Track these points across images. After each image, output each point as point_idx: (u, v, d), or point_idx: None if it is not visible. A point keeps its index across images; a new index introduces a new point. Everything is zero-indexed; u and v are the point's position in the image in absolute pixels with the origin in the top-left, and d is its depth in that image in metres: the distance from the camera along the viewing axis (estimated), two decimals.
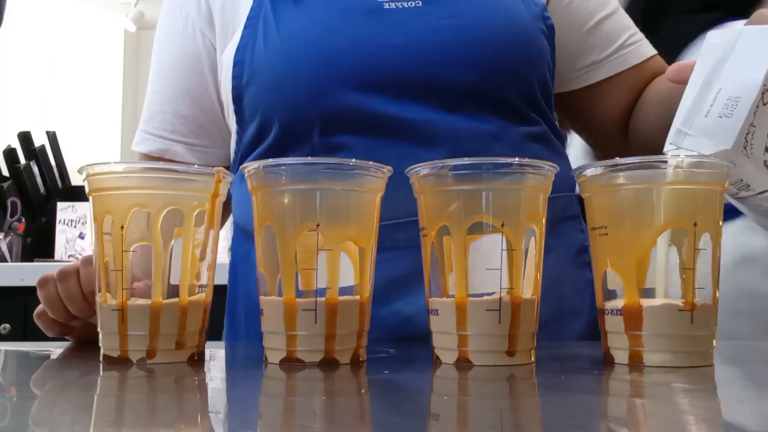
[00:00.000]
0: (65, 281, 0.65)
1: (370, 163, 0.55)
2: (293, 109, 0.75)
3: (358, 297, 0.55)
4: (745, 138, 0.55)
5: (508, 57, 0.76)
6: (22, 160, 2.23)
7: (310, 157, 0.54)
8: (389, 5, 0.76)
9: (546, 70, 0.80)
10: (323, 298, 0.53)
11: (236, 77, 0.77)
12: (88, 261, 0.65)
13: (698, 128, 0.56)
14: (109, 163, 0.55)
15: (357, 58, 0.74)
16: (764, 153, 0.58)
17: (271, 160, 0.54)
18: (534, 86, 0.78)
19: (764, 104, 0.56)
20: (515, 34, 0.77)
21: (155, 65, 0.88)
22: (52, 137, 2.34)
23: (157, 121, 0.86)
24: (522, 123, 0.78)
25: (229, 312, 0.85)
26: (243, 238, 0.83)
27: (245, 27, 0.78)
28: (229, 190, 0.60)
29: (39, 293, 0.67)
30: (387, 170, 0.56)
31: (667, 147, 0.57)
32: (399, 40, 0.74)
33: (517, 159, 0.54)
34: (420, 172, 0.56)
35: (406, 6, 0.76)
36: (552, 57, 0.81)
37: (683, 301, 0.52)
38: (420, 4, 0.76)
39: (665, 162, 0.53)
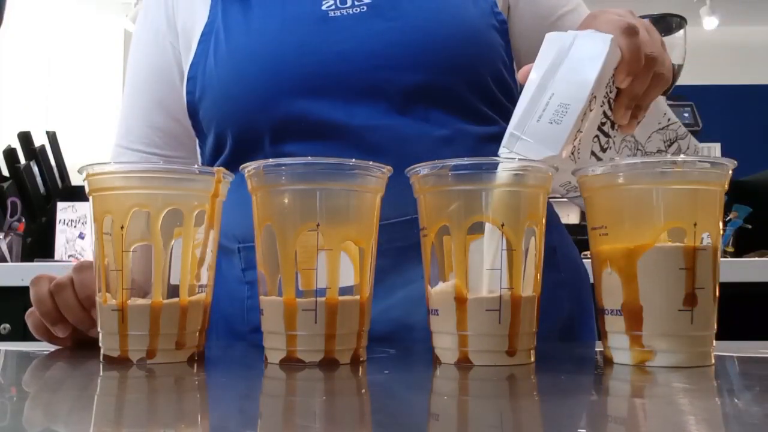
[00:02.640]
0: (61, 293, 0.64)
1: (370, 163, 0.55)
2: (244, 120, 0.76)
3: (358, 297, 0.55)
4: (573, 144, 0.57)
5: (455, 53, 0.76)
6: (22, 160, 2.23)
7: (310, 157, 0.54)
8: (334, 13, 0.77)
9: (500, 65, 0.79)
10: (323, 298, 0.53)
11: (190, 93, 0.79)
12: (80, 267, 0.65)
13: (530, 133, 0.57)
14: (109, 163, 0.56)
15: (301, 66, 0.75)
16: (590, 157, 0.60)
17: (271, 160, 0.54)
18: (488, 82, 0.78)
19: (591, 110, 0.58)
20: (461, 32, 0.77)
21: (129, 79, 0.88)
22: (52, 137, 2.34)
23: (134, 135, 0.86)
24: (479, 123, 0.77)
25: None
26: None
27: (199, 43, 0.80)
28: None
29: (30, 291, 0.66)
30: (387, 170, 0.56)
31: (501, 150, 0.58)
32: (344, 46, 0.75)
33: (517, 159, 0.54)
34: (420, 172, 0.56)
35: (350, 12, 0.77)
36: (507, 51, 0.81)
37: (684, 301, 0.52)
38: (365, 9, 0.77)
39: (665, 162, 0.53)
